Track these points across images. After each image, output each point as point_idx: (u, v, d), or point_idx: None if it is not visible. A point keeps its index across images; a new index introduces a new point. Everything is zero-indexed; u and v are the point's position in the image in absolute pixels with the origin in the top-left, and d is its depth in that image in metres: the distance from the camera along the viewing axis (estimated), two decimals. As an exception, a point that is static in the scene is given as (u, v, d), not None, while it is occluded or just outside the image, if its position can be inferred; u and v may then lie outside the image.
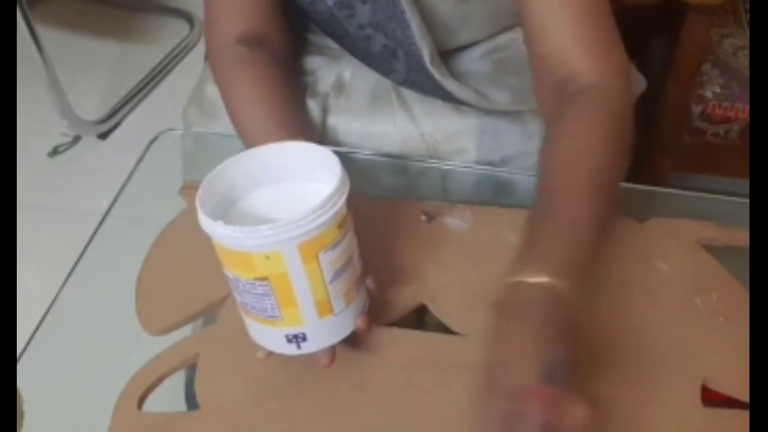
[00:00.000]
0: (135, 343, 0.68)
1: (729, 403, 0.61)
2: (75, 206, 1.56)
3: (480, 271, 0.67)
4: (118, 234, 0.79)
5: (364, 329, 0.62)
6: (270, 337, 0.60)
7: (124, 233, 0.82)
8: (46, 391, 0.67)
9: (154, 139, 0.86)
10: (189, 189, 0.80)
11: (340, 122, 0.82)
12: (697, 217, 0.75)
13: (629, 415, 0.59)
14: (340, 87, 0.85)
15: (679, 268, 0.70)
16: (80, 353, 0.72)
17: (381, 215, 0.74)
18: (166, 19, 2.15)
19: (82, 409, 0.67)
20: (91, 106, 1.85)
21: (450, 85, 0.78)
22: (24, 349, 0.66)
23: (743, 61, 1.19)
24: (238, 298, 0.59)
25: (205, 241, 0.57)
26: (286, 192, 0.61)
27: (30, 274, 1.44)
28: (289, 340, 0.59)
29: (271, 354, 0.61)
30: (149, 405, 0.62)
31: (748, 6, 1.27)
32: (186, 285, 0.71)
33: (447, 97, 0.80)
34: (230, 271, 0.57)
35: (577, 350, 0.56)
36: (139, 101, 1.90)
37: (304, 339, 0.59)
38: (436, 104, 0.82)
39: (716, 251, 0.72)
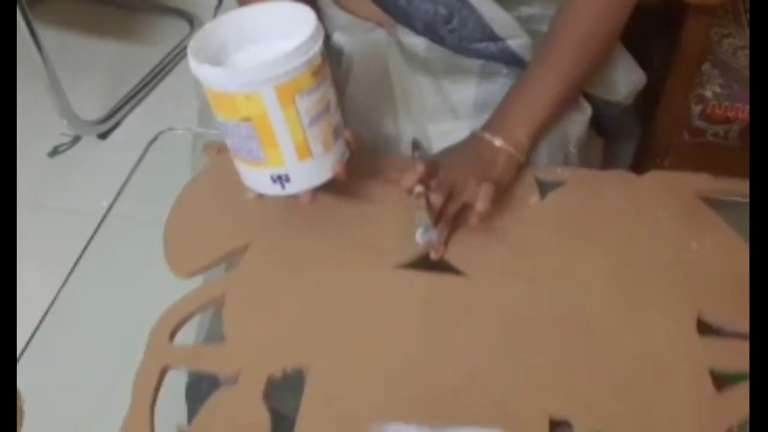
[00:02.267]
0: (135, 343, 0.68)
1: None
2: (75, 206, 1.55)
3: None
4: (118, 234, 0.79)
5: (343, 176, 0.68)
6: (257, 178, 0.67)
7: (124, 233, 0.82)
8: (46, 391, 0.67)
9: (154, 139, 0.86)
10: (210, 148, 0.82)
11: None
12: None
13: (627, 341, 0.63)
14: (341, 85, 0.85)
15: (675, 216, 0.73)
16: (80, 353, 0.72)
17: (381, 163, 0.78)
18: (166, 19, 2.15)
19: (82, 409, 0.67)
20: (91, 106, 1.85)
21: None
22: (24, 349, 0.66)
23: (743, 61, 1.19)
24: (228, 142, 0.66)
25: (228, 194, 0.65)
26: (272, 50, 0.63)
27: (30, 274, 1.43)
28: (274, 181, 0.65)
29: (260, 196, 0.68)
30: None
31: (748, 6, 1.27)
32: (211, 232, 0.74)
33: (478, 29, 0.81)
34: (219, 115, 0.63)
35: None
36: (139, 101, 1.90)
37: (288, 180, 0.65)
38: (433, 105, 0.83)
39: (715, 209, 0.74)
